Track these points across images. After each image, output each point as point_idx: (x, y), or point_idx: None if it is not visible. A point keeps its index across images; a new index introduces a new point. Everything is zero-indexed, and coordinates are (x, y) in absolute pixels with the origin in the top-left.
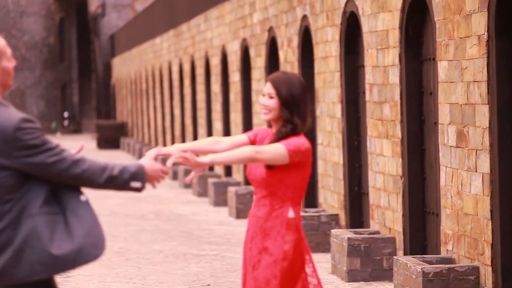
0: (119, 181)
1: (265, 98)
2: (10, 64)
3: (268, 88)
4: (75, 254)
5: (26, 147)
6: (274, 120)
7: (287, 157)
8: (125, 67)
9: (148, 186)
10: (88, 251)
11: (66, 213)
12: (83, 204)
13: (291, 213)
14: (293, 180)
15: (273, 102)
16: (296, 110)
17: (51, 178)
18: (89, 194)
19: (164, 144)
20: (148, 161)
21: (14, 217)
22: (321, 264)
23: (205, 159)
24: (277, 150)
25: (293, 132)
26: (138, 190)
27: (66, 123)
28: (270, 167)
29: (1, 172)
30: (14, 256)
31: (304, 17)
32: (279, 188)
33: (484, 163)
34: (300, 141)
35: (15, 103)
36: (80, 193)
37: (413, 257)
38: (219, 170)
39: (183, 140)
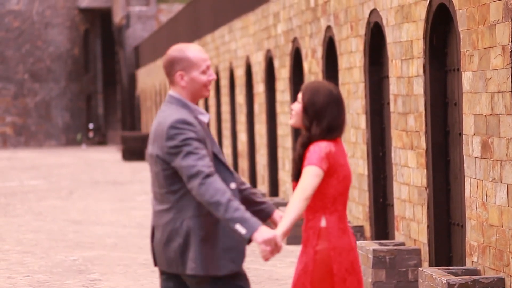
0: (224, 214)
1: (296, 102)
2: (203, 76)
3: (300, 93)
4: (223, 259)
5: (171, 144)
6: (300, 126)
7: (321, 171)
8: (150, 78)
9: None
10: (226, 262)
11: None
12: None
13: (323, 222)
14: (320, 189)
15: (298, 107)
16: (316, 119)
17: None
18: (113, 204)
19: None
20: (270, 230)
21: (178, 211)
22: None
23: (279, 233)
24: (312, 174)
25: (310, 141)
26: (243, 237)
27: (91, 134)
28: (296, 180)
29: (163, 164)
30: (179, 251)
31: (328, 28)
32: None
33: (509, 174)
34: (316, 149)
35: (40, 115)
36: None
37: (438, 269)
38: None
39: None
